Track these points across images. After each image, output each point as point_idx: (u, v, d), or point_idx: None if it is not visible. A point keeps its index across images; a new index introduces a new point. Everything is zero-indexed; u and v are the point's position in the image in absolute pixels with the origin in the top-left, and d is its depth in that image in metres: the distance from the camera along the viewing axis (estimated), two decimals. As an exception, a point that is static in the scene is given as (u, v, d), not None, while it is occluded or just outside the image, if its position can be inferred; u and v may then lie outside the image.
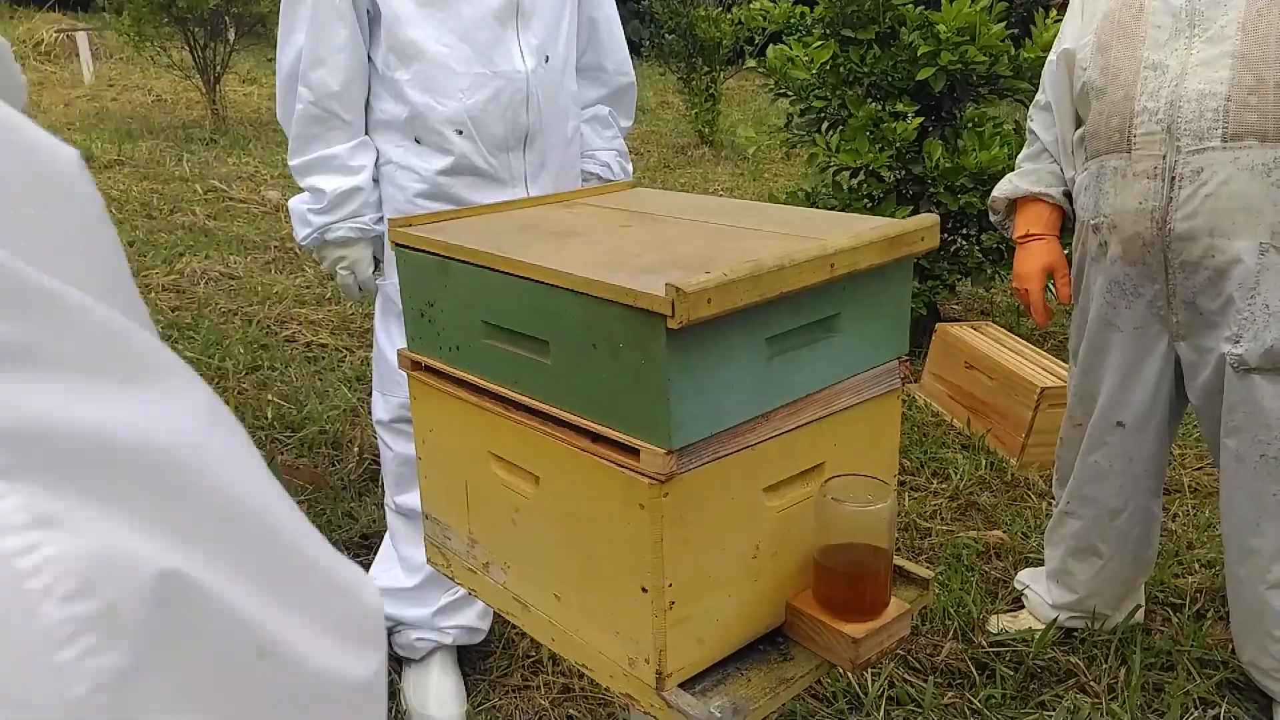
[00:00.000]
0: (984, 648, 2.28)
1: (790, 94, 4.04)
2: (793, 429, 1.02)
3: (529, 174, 1.96)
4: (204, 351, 3.89)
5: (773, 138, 4.21)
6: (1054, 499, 2.34)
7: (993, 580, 2.58)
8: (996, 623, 2.37)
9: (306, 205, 1.94)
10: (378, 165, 1.96)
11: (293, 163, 1.95)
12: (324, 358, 3.94)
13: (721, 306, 0.88)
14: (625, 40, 2.24)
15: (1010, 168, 2.31)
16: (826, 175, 4.08)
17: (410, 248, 1.16)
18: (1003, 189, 2.23)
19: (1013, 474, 3.11)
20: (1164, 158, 1.85)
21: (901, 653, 2.25)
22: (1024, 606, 2.42)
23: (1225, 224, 1.81)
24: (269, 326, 4.23)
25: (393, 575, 2.15)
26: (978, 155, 3.62)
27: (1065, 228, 2.22)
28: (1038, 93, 2.19)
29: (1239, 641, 2.10)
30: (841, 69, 3.81)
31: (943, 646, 2.29)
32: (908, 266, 1.09)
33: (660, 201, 1.34)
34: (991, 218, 2.31)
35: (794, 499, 1.04)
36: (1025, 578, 2.45)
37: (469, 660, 2.24)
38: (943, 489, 3.03)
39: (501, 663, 2.26)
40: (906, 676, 2.20)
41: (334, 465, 3.11)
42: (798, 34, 3.99)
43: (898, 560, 1.14)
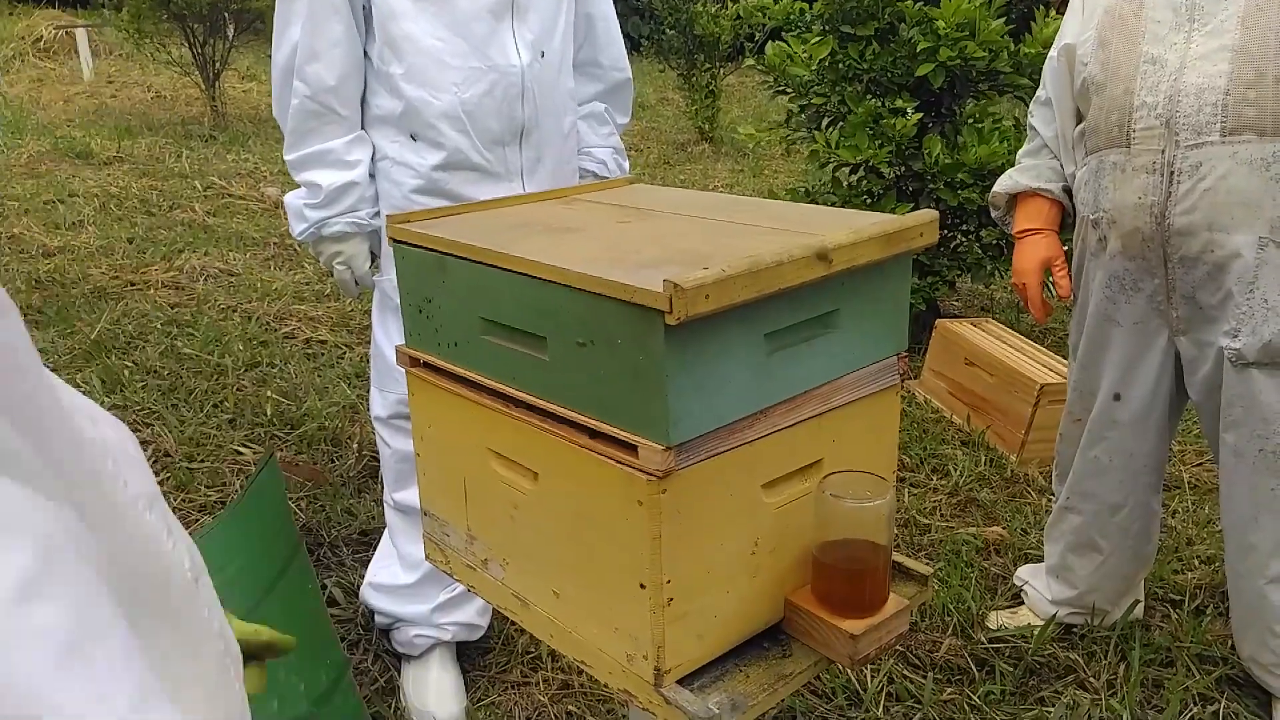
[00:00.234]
0: (983, 644, 2.29)
1: (789, 91, 4.03)
2: (791, 425, 1.02)
3: (525, 169, 1.95)
4: (203, 348, 3.89)
5: (772, 134, 4.20)
6: (1053, 495, 2.34)
7: (992, 576, 2.58)
8: (996, 619, 2.37)
9: (303, 200, 1.94)
10: (374, 160, 1.96)
11: (289, 157, 1.94)
12: (323, 354, 3.94)
13: (720, 302, 0.88)
14: (622, 36, 2.23)
15: (1010, 163, 2.30)
16: (826, 172, 4.08)
17: (408, 244, 1.16)
18: (1003, 184, 2.23)
19: (1012, 470, 3.11)
20: (1163, 152, 1.85)
21: (901, 649, 2.26)
22: (1023, 603, 2.42)
23: (1224, 219, 1.81)
24: (268, 323, 4.23)
25: (391, 572, 2.15)
26: (977, 151, 3.62)
27: (1065, 223, 2.22)
28: (1039, 89, 2.19)
29: (1238, 637, 2.10)
30: (841, 65, 3.80)
31: (942, 642, 2.29)
32: (906, 262, 1.08)
33: (658, 198, 1.33)
34: (992, 213, 2.31)
35: (792, 495, 1.04)
36: (1024, 574, 2.45)
37: (468, 656, 2.24)
38: (942, 485, 3.03)
39: (501, 659, 2.26)
40: (906, 672, 2.20)
41: (333, 462, 3.11)
42: (797, 30, 3.99)
43: (897, 556, 1.14)
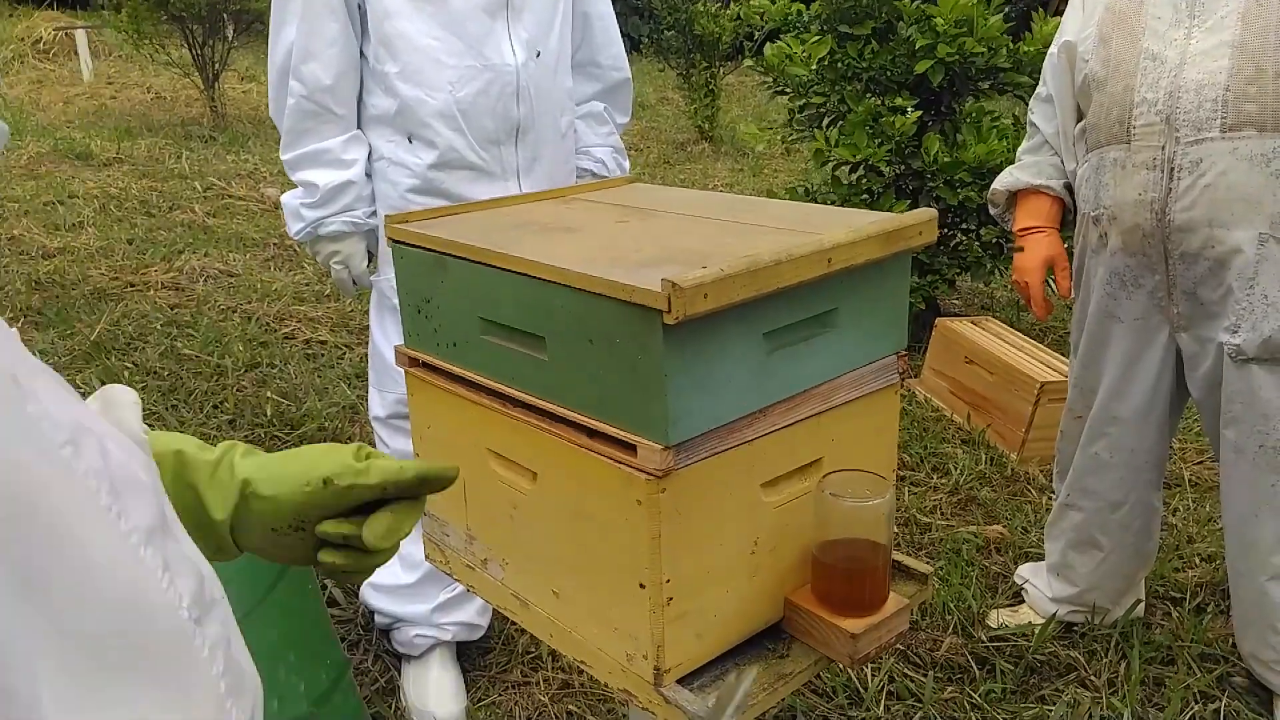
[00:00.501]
0: (984, 642, 2.28)
1: (789, 91, 4.03)
2: (791, 424, 1.02)
3: (521, 168, 1.95)
4: (203, 349, 3.89)
5: (774, 134, 4.20)
6: (1054, 493, 2.34)
7: (992, 575, 2.58)
8: (996, 617, 2.37)
9: (299, 200, 1.94)
10: (370, 160, 1.96)
11: (285, 157, 1.94)
12: (323, 355, 3.93)
13: (718, 302, 0.88)
14: (622, 36, 2.23)
15: (1009, 161, 2.30)
16: (826, 171, 4.08)
17: (407, 244, 1.15)
18: (1003, 181, 2.23)
19: (1013, 469, 3.11)
20: (1163, 149, 1.85)
21: (901, 648, 2.25)
22: (1024, 601, 2.42)
23: (1224, 214, 1.81)
24: (268, 324, 4.22)
25: (391, 572, 2.15)
26: (975, 149, 3.61)
27: (1066, 221, 2.21)
28: (1039, 85, 2.18)
29: (1239, 633, 2.10)
30: (839, 65, 3.80)
31: (943, 641, 2.29)
32: (905, 261, 1.08)
33: (657, 197, 1.33)
34: (991, 210, 2.31)
35: (792, 494, 1.04)
36: (1025, 572, 2.45)
37: (468, 656, 2.24)
38: (943, 484, 3.03)
39: (501, 659, 2.26)
40: (906, 671, 2.20)
41: (334, 462, 3.11)
42: (795, 30, 3.99)
43: (897, 555, 1.14)
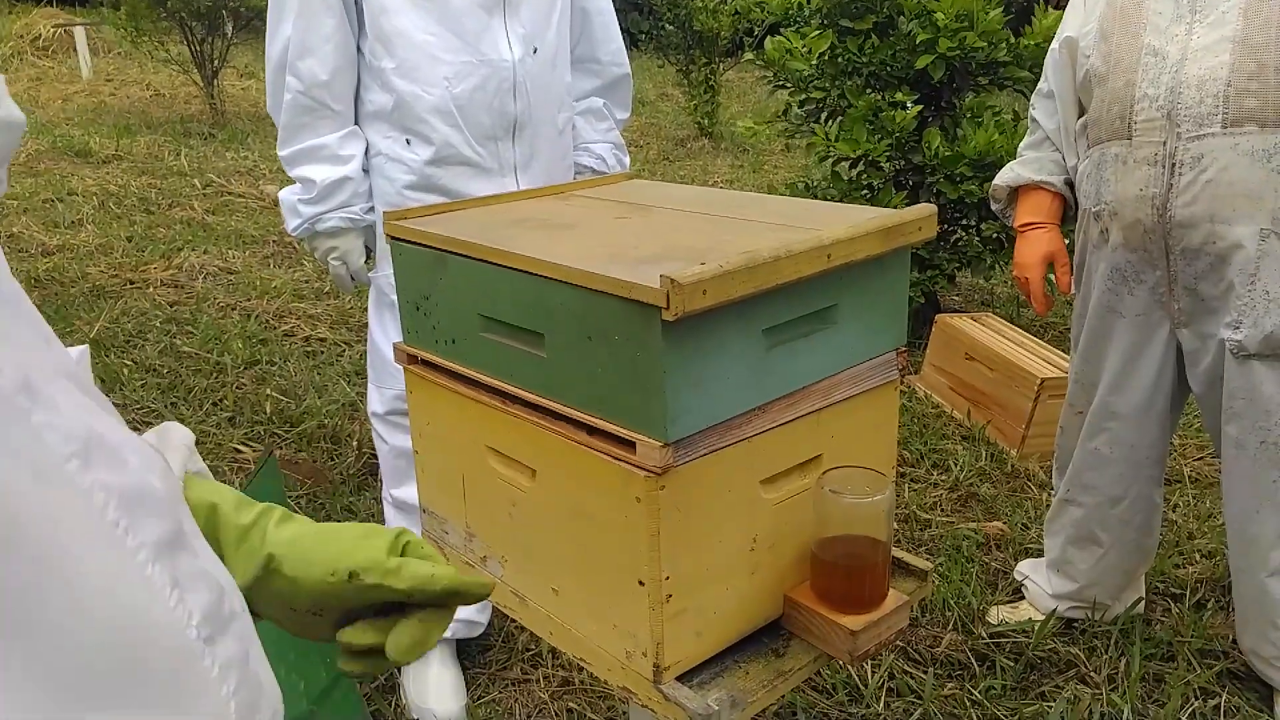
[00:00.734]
0: (984, 639, 2.28)
1: (789, 86, 4.03)
2: (790, 421, 1.01)
3: (519, 164, 1.95)
4: (202, 346, 3.88)
5: (772, 128, 4.19)
6: (1054, 489, 2.34)
7: (992, 571, 2.57)
8: (996, 614, 2.37)
9: (297, 196, 1.93)
10: (368, 156, 1.95)
11: (282, 153, 1.94)
12: (323, 352, 3.93)
13: (717, 298, 0.87)
14: (621, 32, 2.23)
15: (1009, 155, 2.29)
16: (825, 166, 4.07)
17: (406, 241, 1.15)
18: (1004, 177, 2.22)
19: (1013, 465, 3.11)
20: (1164, 144, 1.84)
21: (901, 644, 2.25)
22: (1024, 597, 2.41)
23: (1225, 210, 1.81)
24: (267, 321, 4.22)
25: (392, 569, 2.15)
26: (976, 139, 3.60)
27: (1067, 216, 2.21)
28: (1040, 81, 2.18)
29: (1240, 629, 2.10)
30: (840, 59, 3.80)
31: (943, 638, 2.29)
32: (905, 257, 1.08)
33: (657, 193, 1.33)
34: (993, 206, 2.30)
35: (791, 491, 1.04)
36: (1025, 568, 2.45)
37: (468, 654, 2.24)
38: (943, 480, 3.03)
39: (501, 656, 2.26)
40: (906, 668, 2.20)
41: (333, 460, 3.11)
42: (795, 25, 3.98)
43: (896, 552, 1.14)
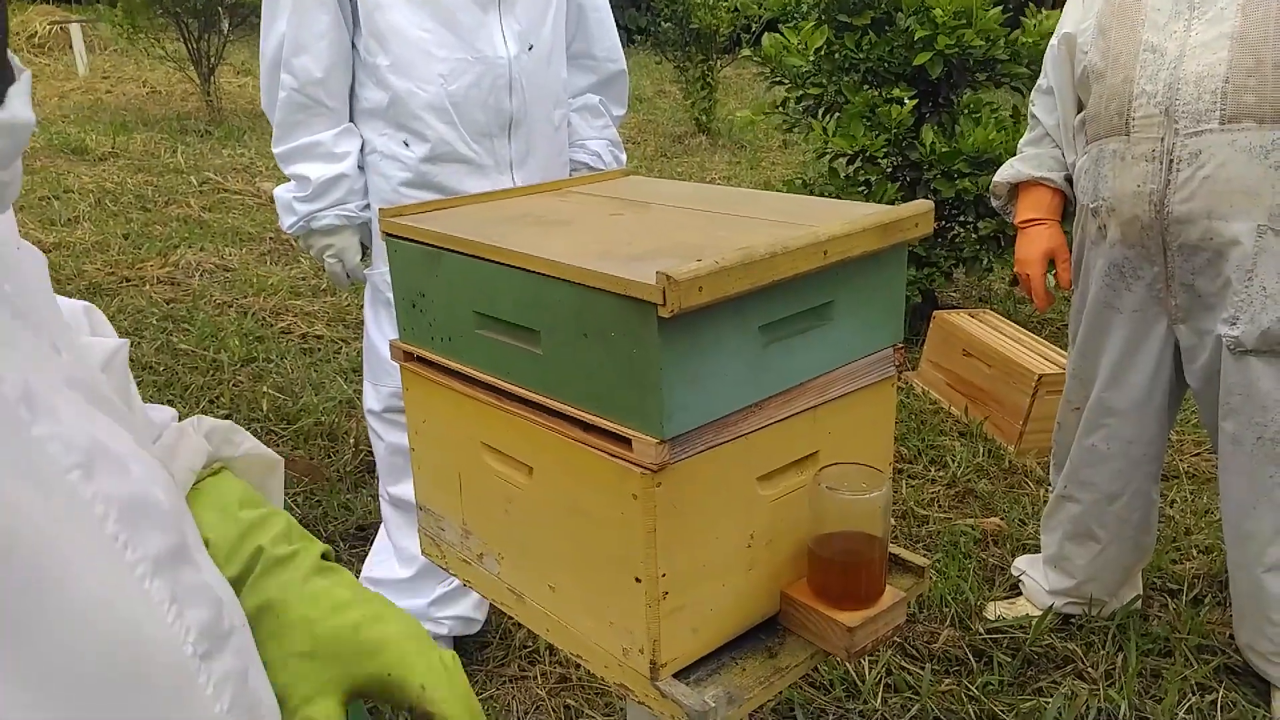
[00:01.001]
0: (981, 635, 2.28)
1: (786, 81, 4.02)
2: (787, 417, 1.01)
3: (515, 161, 1.95)
4: (199, 344, 3.88)
5: (769, 119, 4.18)
6: (1051, 485, 2.34)
7: (990, 567, 2.58)
8: (994, 609, 2.37)
9: (292, 194, 1.93)
10: (363, 153, 1.95)
11: (277, 150, 1.93)
12: (319, 349, 3.93)
13: (713, 294, 0.87)
14: (618, 28, 2.22)
15: (1008, 152, 2.29)
16: (823, 163, 4.06)
17: (401, 238, 1.15)
18: (1004, 173, 2.22)
19: (1010, 461, 3.11)
20: (1162, 140, 1.84)
21: (899, 640, 2.25)
22: (1021, 593, 2.42)
23: (1223, 206, 1.81)
24: (264, 318, 4.22)
25: (388, 566, 2.15)
26: (974, 136, 3.60)
27: (1067, 213, 2.21)
28: (1040, 77, 2.18)
29: (1236, 625, 2.10)
30: (837, 55, 3.79)
31: (940, 634, 2.29)
32: (902, 253, 1.08)
33: (653, 190, 1.33)
34: (993, 202, 2.30)
35: (788, 488, 1.04)
36: (1022, 564, 2.45)
37: (466, 651, 2.24)
38: (940, 476, 3.03)
39: (498, 653, 2.26)
40: (904, 664, 2.20)
41: (330, 457, 3.11)
42: (793, 20, 3.97)
43: (893, 548, 1.14)
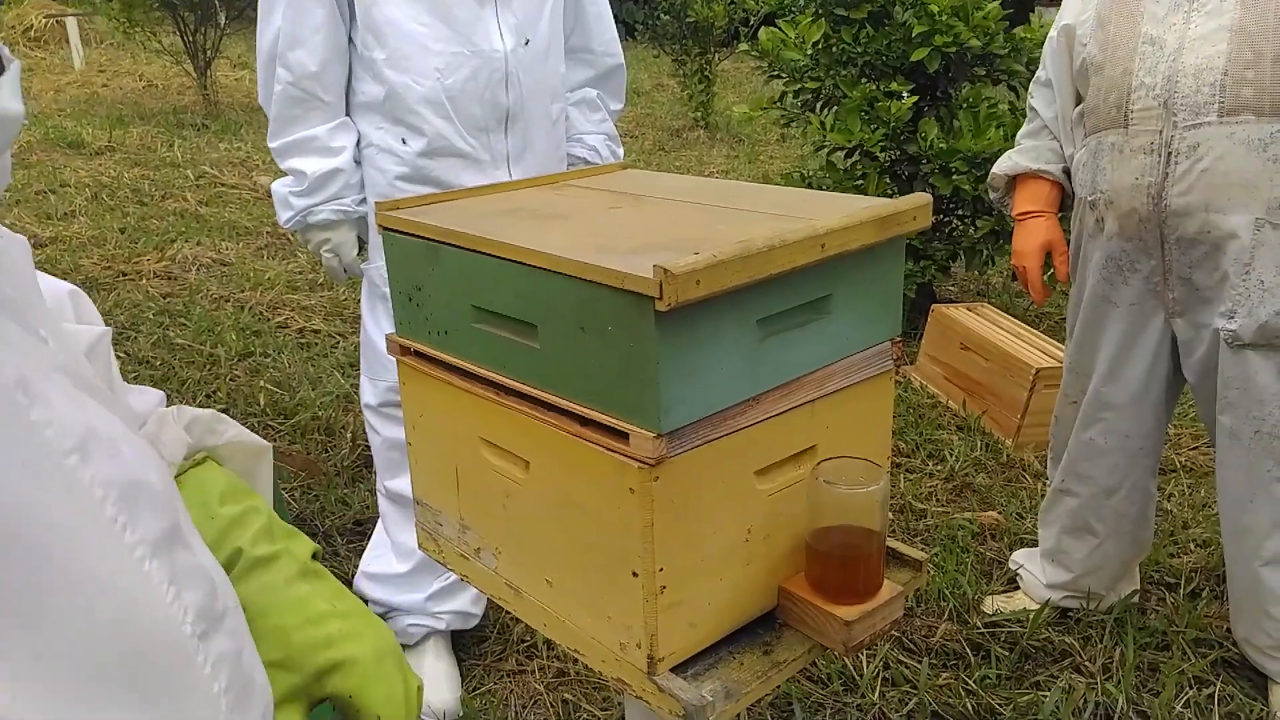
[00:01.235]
0: (979, 628, 2.29)
1: (784, 75, 4.01)
2: (784, 411, 1.01)
3: (511, 156, 1.94)
4: (196, 338, 3.87)
5: (767, 113, 4.18)
6: (1048, 479, 2.34)
7: (988, 561, 2.58)
8: (991, 603, 2.37)
9: (288, 188, 1.93)
10: (359, 147, 1.95)
11: (273, 145, 1.93)
12: (317, 344, 3.92)
13: (711, 288, 0.87)
14: (616, 22, 2.21)
15: (1007, 149, 2.29)
16: (821, 157, 4.06)
17: (397, 231, 1.14)
18: (1002, 166, 2.22)
19: (1008, 455, 3.11)
20: (1160, 133, 1.84)
21: (896, 634, 2.26)
22: (1019, 587, 2.42)
23: (1221, 199, 1.80)
24: (261, 313, 4.21)
25: (385, 561, 2.15)
26: (973, 138, 3.59)
27: (1065, 205, 2.21)
28: (1039, 69, 2.18)
29: (1234, 619, 2.11)
30: (834, 49, 3.78)
31: (938, 628, 2.29)
32: (900, 246, 1.07)
33: (651, 183, 1.32)
34: (991, 194, 2.30)
35: (786, 482, 1.04)
36: (1020, 558, 2.45)
37: (463, 645, 2.24)
38: (938, 470, 3.03)
39: (496, 647, 2.26)
40: (901, 658, 2.20)
41: (327, 451, 3.10)
42: (790, 14, 3.96)
43: (891, 542, 1.14)
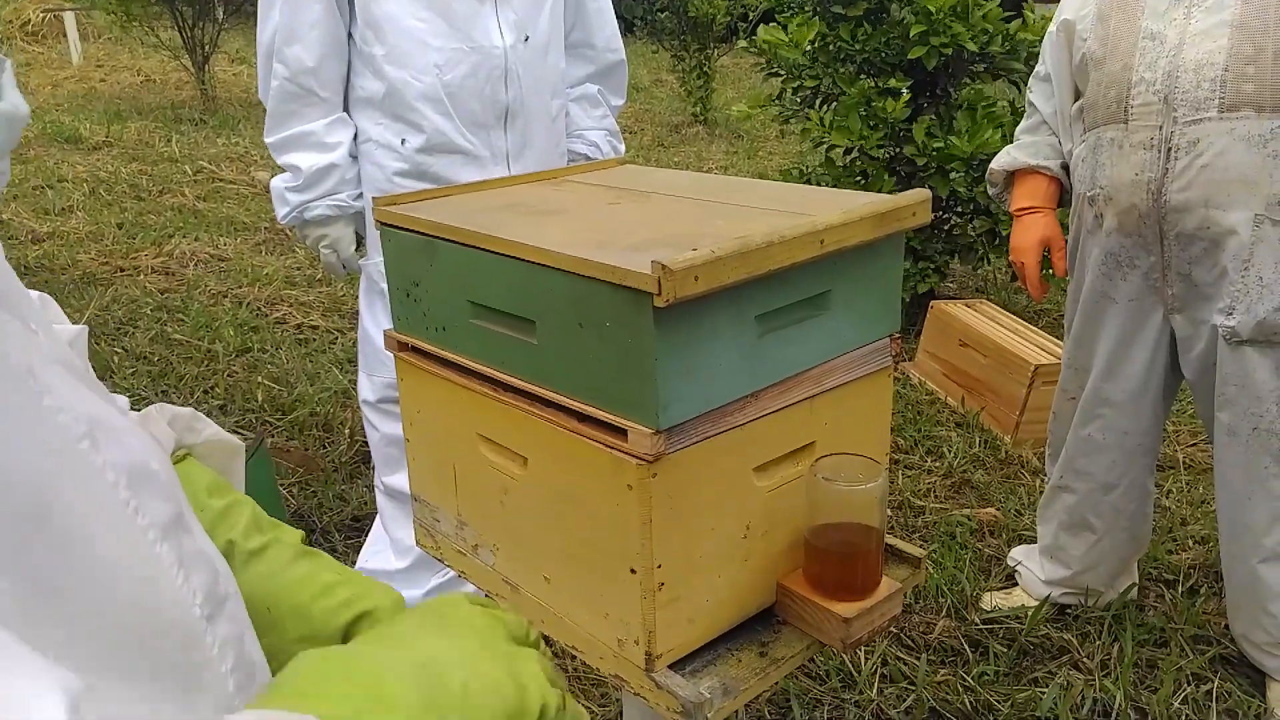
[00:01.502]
0: (977, 625, 2.29)
1: (782, 73, 4.01)
2: (783, 408, 1.01)
3: (511, 153, 1.94)
4: (193, 334, 3.87)
5: (766, 111, 4.17)
6: (1046, 475, 2.34)
7: (986, 558, 2.58)
8: (990, 600, 2.37)
9: (285, 184, 1.93)
10: (358, 143, 1.94)
11: (269, 140, 1.93)
12: (315, 339, 3.92)
13: (709, 284, 0.87)
14: (615, 16, 2.21)
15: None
16: (819, 153, 4.05)
17: (395, 227, 1.14)
18: (1001, 161, 2.22)
19: (1007, 451, 3.11)
20: (1160, 128, 1.83)
21: (895, 631, 2.26)
22: (1017, 584, 2.42)
23: (1220, 195, 1.80)
24: (259, 308, 4.20)
25: (383, 558, 2.14)
26: (969, 139, 3.57)
27: (1063, 201, 2.20)
28: (1038, 64, 2.17)
29: (1231, 615, 2.11)
30: (831, 47, 3.77)
31: (936, 624, 2.29)
32: (899, 242, 1.07)
33: (649, 179, 1.32)
34: (989, 190, 2.30)
35: (784, 478, 1.03)
36: (1018, 554, 2.45)
37: (462, 641, 2.23)
38: (937, 467, 3.03)
39: (495, 644, 2.25)
40: (900, 654, 2.20)
41: (325, 448, 3.10)
42: (789, 11, 3.96)
43: (890, 539, 1.14)
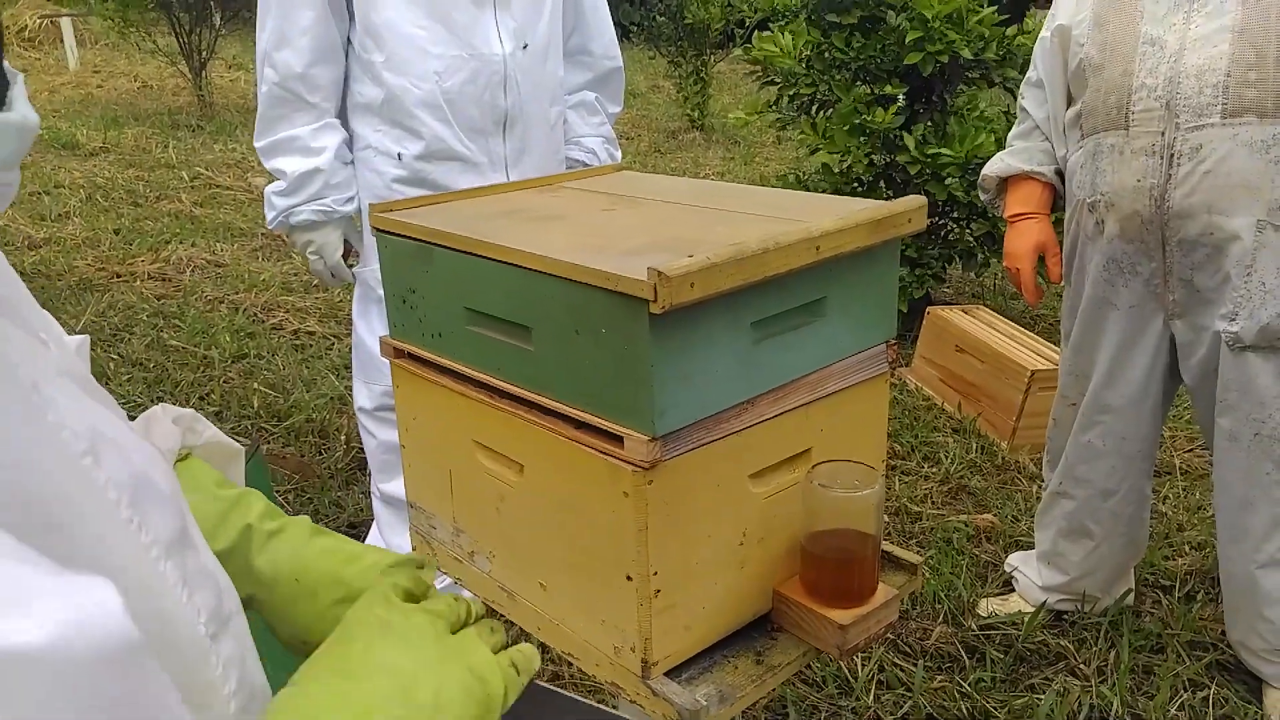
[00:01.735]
0: (974, 631, 2.28)
1: (777, 81, 4.01)
2: (779, 414, 1.01)
3: (509, 159, 1.94)
4: (190, 340, 3.86)
5: (763, 117, 4.18)
6: (1044, 481, 2.34)
7: (983, 564, 2.57)
8: (986, 606, 2.37)
9: (273, 189, 1.94)
10: (355, 149, 1.94)
11: (258, 144, 1.94)
12: (311, 346, 3.91)
13: (705, 290, 0.87)
14: (613, 24, 2.21)
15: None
16: (816, 159, 4.06)
17: (391, 233, 1.14)
18: (993, 166, 2.22)
19: (1003, 457, 3.11)
20: (1163, 134, 1.84)
21: (891, 637, 2.25)
22: (1014, 590, 2.42)
23: (1223, 201, 1.80)
24: (256, 314, 4.20)
25: (380, 564, 2.14)
26: (964, 145, 3.58)
27: (1056, 206, 2.21)
28: (1029, 70, 2.17)
29: (1229, 621, 2.11)
30: (826, 55, 3.78)
31: (933, 630, 2.29)
32: (895, 249, 1.07)
33: (646, 185, 1.32)
34: (982, 196, 2.30)
35: (781, 485, 1.03)
36: (1015, 561, 2.45)
37: (459, 648, 2.23)
38: (933, 473, 3.03)
39: (491, 650, 2.25)
40: (896, 660, 2.20)
41: (321, 454, 3.09)
42: (784, 20, 3.96)
43: (886, 545, 1.13)
